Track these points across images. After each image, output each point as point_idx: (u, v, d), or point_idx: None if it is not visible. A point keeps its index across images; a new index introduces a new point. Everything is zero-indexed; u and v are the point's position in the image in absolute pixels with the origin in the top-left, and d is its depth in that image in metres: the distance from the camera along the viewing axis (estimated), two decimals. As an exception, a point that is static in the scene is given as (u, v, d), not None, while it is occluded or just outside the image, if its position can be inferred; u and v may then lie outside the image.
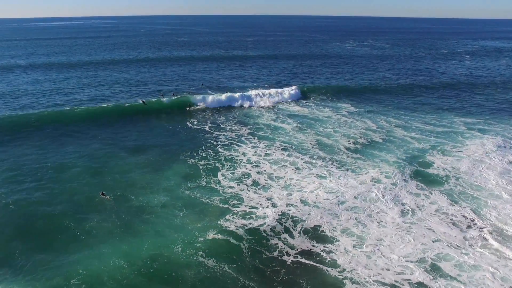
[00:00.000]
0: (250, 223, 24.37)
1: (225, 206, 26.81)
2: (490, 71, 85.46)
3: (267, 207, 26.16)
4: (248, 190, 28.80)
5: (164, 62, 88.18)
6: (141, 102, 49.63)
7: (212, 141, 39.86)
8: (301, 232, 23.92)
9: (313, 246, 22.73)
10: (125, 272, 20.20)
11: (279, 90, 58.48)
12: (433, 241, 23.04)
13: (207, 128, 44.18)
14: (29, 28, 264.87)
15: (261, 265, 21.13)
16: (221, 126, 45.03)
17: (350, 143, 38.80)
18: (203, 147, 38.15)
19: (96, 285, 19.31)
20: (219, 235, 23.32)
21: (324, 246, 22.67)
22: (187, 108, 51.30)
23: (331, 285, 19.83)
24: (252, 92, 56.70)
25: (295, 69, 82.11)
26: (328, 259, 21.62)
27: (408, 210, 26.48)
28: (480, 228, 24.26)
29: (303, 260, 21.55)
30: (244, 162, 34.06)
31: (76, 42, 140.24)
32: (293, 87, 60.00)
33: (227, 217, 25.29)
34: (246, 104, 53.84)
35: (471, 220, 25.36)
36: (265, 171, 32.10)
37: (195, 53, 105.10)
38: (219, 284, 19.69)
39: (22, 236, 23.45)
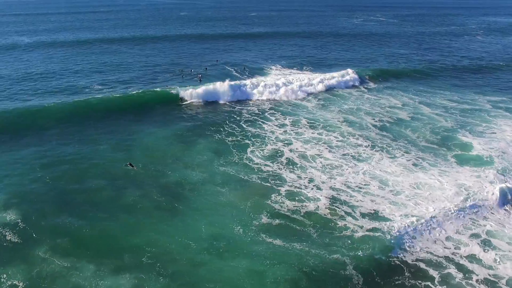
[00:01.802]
0: (303, 205, 24.10)
1: (266, 184, 26.65)
2: (505, 47, 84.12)
3: (312, 189, 25.88)
4: (285, 169, 28.53)
5: (172, 39, 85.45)
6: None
7: (235, 116, 39.63)
8: (363, 215, 23.39)
9: (377, 223, 22.60)
10: (194, 251, 20.34)
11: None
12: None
13: (227, 102, 43.89)
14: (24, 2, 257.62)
15: (329, 241, 21.11)
16: (241, 100, 44.72)
17: (376, 121, 38.41)
18: (227, 121, 37.98)
19: (169, 264, 19.45)
20: (274, 216, 23.14)
21: (384, 223, 22.55)
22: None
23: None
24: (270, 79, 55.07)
25: (305, 48, 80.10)
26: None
27: (466, 191, 25.64)
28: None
29: (369, 234, 21.56)
30: (273, 140, 33.78)
31: (75, 17, 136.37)
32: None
33: (273, 197, 25.10)
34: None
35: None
36: (297, 149, 31.81)
37: (201, 30, 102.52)
38: (295, 261, 19.56)
39: (74, 213, 23.56)
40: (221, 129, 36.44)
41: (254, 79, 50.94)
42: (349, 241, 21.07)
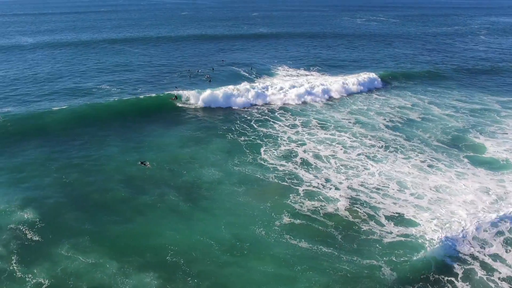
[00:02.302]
0: (322, 206, 24.18)
1: (284, 183, 26.79)
2: (510, 48, 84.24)
3: (330, 189, 25.97)
4: (301, 169, 28.63)
5: (175, 39, 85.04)
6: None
7: (245, 116, 39.78)
8: (387, 218, 23.09)
9: (405, 229, 22.22)
10: (218, 251, 20.41)
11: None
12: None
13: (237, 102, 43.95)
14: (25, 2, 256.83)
15: (359, 247, 20.79)
16: (251, 101, 44.65)
17: (387, 121, 38.54)
18: (238, 121, 38.13)
19: (193, 263, 19.55)
20: (295, 216, 23.17)
21: (412, 229, 22.21)
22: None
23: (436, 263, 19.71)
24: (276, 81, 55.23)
25: (309, 49, 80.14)
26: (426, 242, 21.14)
27: (494, 197, 25.43)
28: None
29: (400, 239, 21.25)
30: (285, 140, 33.89)
31: (76, 17, 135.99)
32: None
33: (292, 196, 25.21)
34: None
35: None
36: (310, 149, 31.92)
37: (204, 30, 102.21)
38: (327, 266, 19.31)
39: (92, 212, 23.71)
40: (233, 129, 36.56)
41: (266, 80, 51.13)
42: (379, 246, 20.77)
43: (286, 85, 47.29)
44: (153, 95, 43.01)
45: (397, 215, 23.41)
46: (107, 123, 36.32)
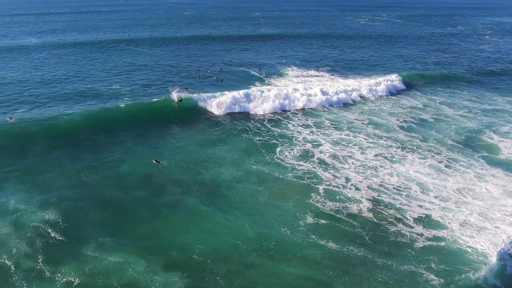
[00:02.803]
0: (345, 206, 24.22)
1: (303, 182, 26.92)
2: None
3: (351, 189, 26.05)
4: (320, 169, 28.72)
5: (180, 40, 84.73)
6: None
7: (258, 115, 39.92)
8: (414, 220, 22.86)
9: (435, 232, 21.99)
10: (244, 251, 20.47)
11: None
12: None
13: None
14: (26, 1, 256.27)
15: (390, 250, 20.58)
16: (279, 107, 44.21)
17: (401, 122, 38.65)
18: (252, 121, 38.30)
19: (220, 263, 19.62)
20: (319, 216, 23.18)
21: (444, 232, 21.96)
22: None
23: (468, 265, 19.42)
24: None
25: (316, 49, 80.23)
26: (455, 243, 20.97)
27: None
28: None
29: (432, 243, 21.02)
30: (300, 140, 33.99)
31: (79, 17, 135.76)
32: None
33: (313, 196, 25.31)
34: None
35: None
36: (327, 150, 32.01)
37: (208, 30, 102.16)
38: (363, 271, 18.98)
39: (114, 212, 23.89)
40: (247, 128, 36.66)
41: (276, 81, 51.11)
42: (412, 251, 20.49)
43: (316, 91, 45.17)
44: (165, 97, 42.28)
45: (423, 216, 23.29)
46: (121, 126, 35.94)
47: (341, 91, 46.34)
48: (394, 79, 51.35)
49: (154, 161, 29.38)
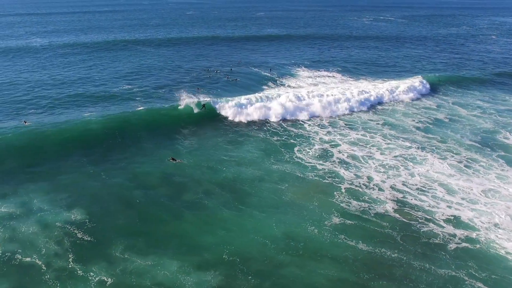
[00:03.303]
0: (370, 206, 24.29)
1: (325, 181, 27.05)
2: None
3: (374, 189, 26.12)
4: (340, 168, 28.82)
5: (185, 40, 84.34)
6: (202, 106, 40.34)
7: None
8: (445, 221, 22.75)
9: (468, 233, 21.79)
10: (273, 250, 20.51)
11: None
12: None
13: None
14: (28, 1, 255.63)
15: (424, 251, 20.41)
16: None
17: (416, 122, 38.75)
18: (268, 119, 38.70)
19: (250, 262, 19.71)
20: (344, 216, 23.20)
21: (476, 234, 21.72)
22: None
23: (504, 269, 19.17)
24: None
25: (323, 49, 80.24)
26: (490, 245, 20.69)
27: None
28: None
29: (466, 245, 20.80)
30: (318, 140, 34.09)
31: (81, 17, 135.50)
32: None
33: (336, 195, 25.42)
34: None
35: None
36: (345, 150, 32.10)
37: (214, 31, 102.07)
38: (400, 274, 18.69)
39: (139, 212, 23.88)
40: (264, 128, 36.80)
41: (289, 81, 51.15)
42: (446, 253, 20.24)
43: (354, 96, 44.00)
44: (180, 103, 40.55)
45: (452, 218, 23.22)
46: (138, 129, 35.46)
47: (366, 98, 44.79)
48: (415, 82, 50.14)
49: (171, 160, 29.44)
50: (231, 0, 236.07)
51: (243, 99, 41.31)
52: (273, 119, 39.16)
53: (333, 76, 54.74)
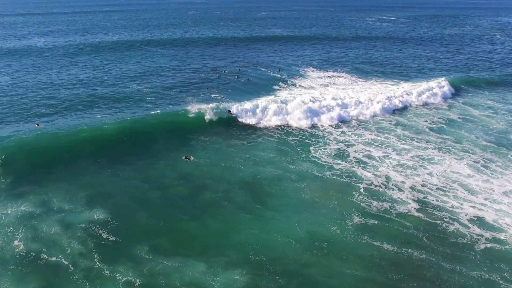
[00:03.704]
0: (392, 206, 24.30)
1: (342, 180, 27.15)
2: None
3: (393, 189, 26.17)
4: (358, 168, 28.87)
5: (190, 41, 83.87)
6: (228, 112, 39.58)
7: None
8: (470, 221, 22.61)
9: (493, 233, 21.66)
10: (297, 250, 20.58)
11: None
12: None
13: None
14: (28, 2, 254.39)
15: (452, 251, 20.25)
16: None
17: (429, 123, 38.82)
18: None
19: (276, 261, 19.76)
20: (366, 216, 23.23)
21: (503, 235, 21.55)
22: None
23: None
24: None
25: (330, 49, 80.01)
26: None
27: None
28: None
29: (495, 246, 20.66)
30: (332, 140, 34.16)
31: (84, 17, 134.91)
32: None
33: (355, 195, 25.45)
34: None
35: None
36: (361, 150, 32.16)
37: (218, 32, 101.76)
38: (432, 276, 18.52)
39: (160, 212, 23.86)
40: (278, 128, 36.84)
41: (299, 81, 51.13)
42: (475, 254, 20.02)
43: (375, 108, 42.14)
44: (195, 107, 39.62)
45: (475, 219, 23.14)
46: (154, 132, 35.13)
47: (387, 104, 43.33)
48: (443, 86, 49.45)
49: (184, 158, 29.73)
50: (231, 0, 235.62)
51: (259, 101, 40.38)
52: (293, 124, 37.92)
53: (343, 77, 54.81)
